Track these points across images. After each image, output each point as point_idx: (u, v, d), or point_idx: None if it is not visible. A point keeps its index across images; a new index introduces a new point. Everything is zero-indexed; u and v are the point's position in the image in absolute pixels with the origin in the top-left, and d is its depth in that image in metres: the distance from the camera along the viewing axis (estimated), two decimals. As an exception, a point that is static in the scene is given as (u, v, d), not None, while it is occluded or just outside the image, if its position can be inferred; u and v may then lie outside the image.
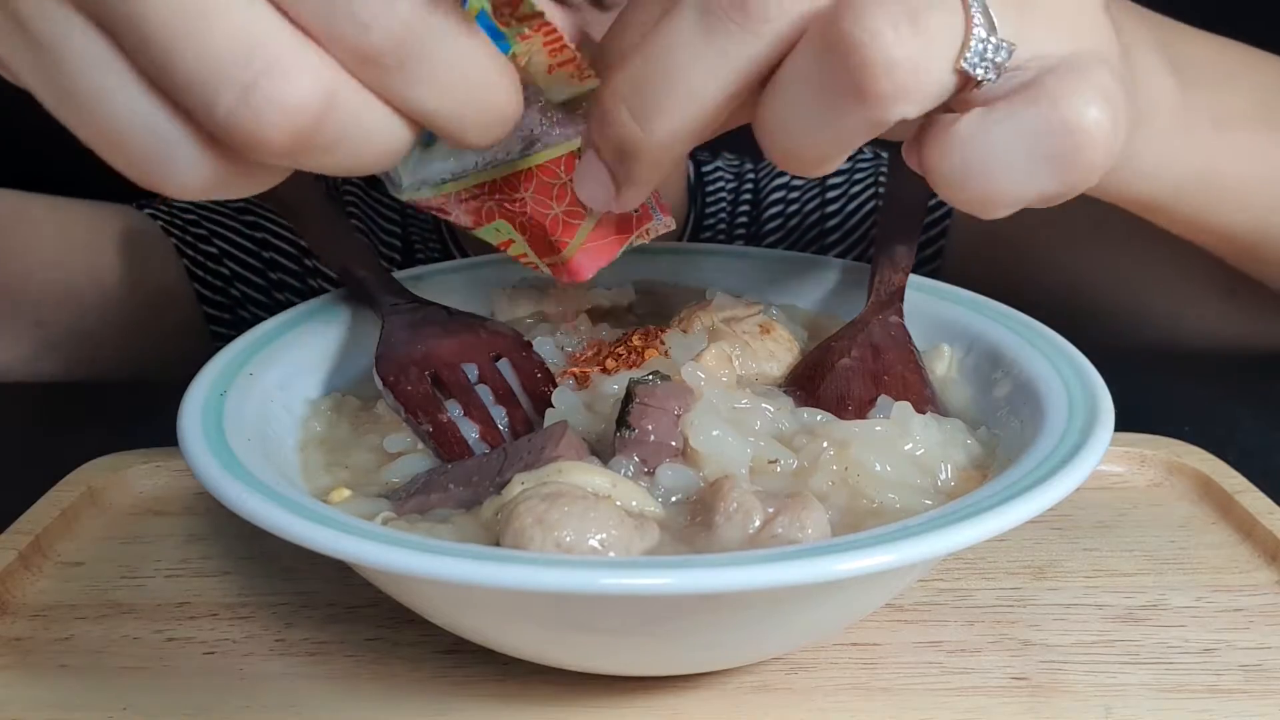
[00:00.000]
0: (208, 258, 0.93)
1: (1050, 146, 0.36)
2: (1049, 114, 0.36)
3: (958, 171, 0.37)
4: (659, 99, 0.37)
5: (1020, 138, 0.36)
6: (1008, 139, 0.36)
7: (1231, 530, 0.57)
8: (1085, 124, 0.36)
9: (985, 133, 0.36)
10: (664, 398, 0.46)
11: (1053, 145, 0.36)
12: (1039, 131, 0.36)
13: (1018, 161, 0.36)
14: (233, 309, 0.94)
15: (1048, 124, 0.36)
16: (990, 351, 0.55)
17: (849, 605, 0.44)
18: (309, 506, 0.40)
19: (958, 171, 0.37)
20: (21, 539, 0.54)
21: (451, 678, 0.47)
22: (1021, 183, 0.37)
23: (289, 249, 0.97)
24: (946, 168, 0.37)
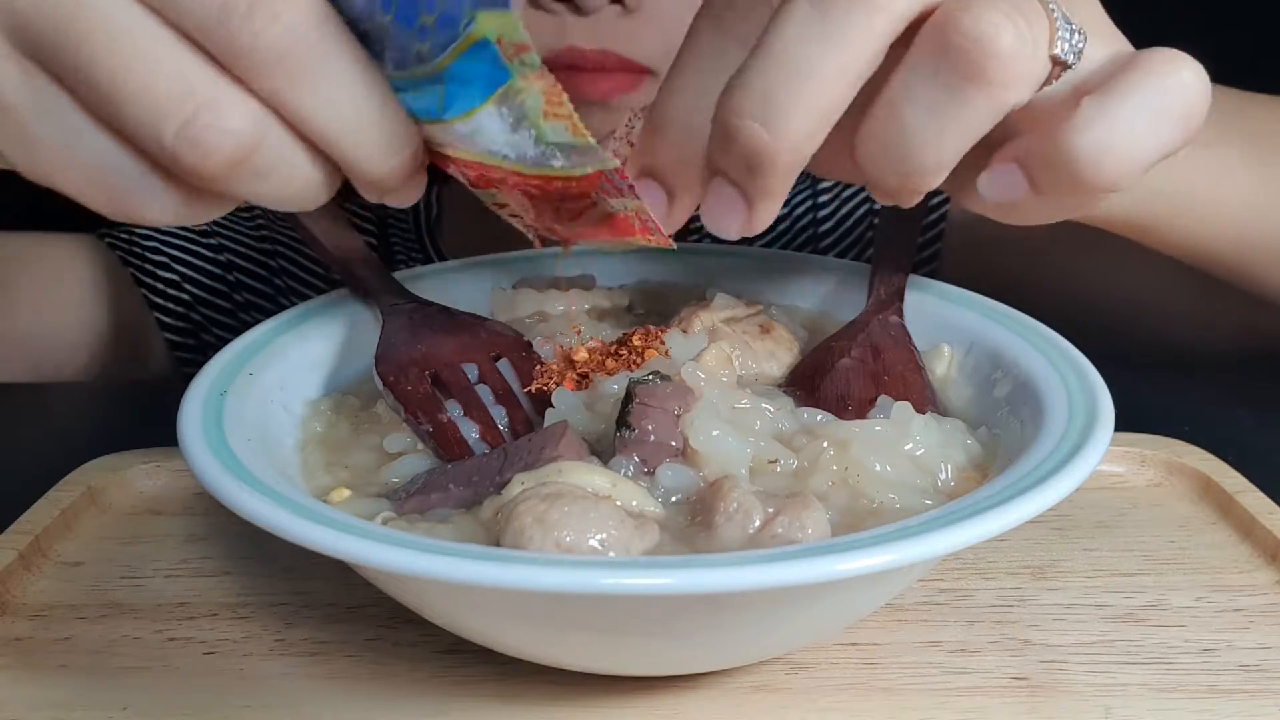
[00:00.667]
0: (167, 284, 0.93)
1: (1171, 107, 0.41)
2: (1163, 80, 0.41)
3: (1094, 150, 0.40)
4: (788, 100, 0.38)
5: (1144, 105, 0.40)
6: (1134, 108, 0.40)
7: (1231, 530, 0.57)
8: (1193, 82, 0.41)
9: (1111, 108, 0.40)
10: (664, 398, 0.46)
11: (1173, 105, 0.41)
12: (1159, 97, 0.40)
13: (1145, 125, 0.41)
14: (195, 333, 0.94)
15: (1164, 89, 0.40)
16: (990, 351, 0.55)
17: (849, 605, 0.44)
18: (309, 506, 0.40)
19: (1094, 150, 0.40)
20: (21, 539, 0.54)
21: (451, 678, 0.47)
22: (1151, 145, 0.41)
23: (258, 270, 0.97)
24: (1083, 149, 0.40)
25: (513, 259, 0.67)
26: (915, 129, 0.39)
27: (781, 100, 0.38)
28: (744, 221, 0.42)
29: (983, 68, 0.37)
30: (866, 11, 0.37)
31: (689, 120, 0.42)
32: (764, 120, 0.38)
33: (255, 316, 0.96)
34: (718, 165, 0.41)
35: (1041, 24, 0.39)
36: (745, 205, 0.41)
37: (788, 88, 0.38)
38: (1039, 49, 0.39)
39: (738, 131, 0.39)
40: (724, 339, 0.54)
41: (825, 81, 0.38)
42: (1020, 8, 0.38)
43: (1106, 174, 0.41)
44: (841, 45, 0.37)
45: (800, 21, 0.38)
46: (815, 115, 0.38)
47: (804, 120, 0.38)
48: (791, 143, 0.38)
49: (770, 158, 0.39)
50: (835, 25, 0.37)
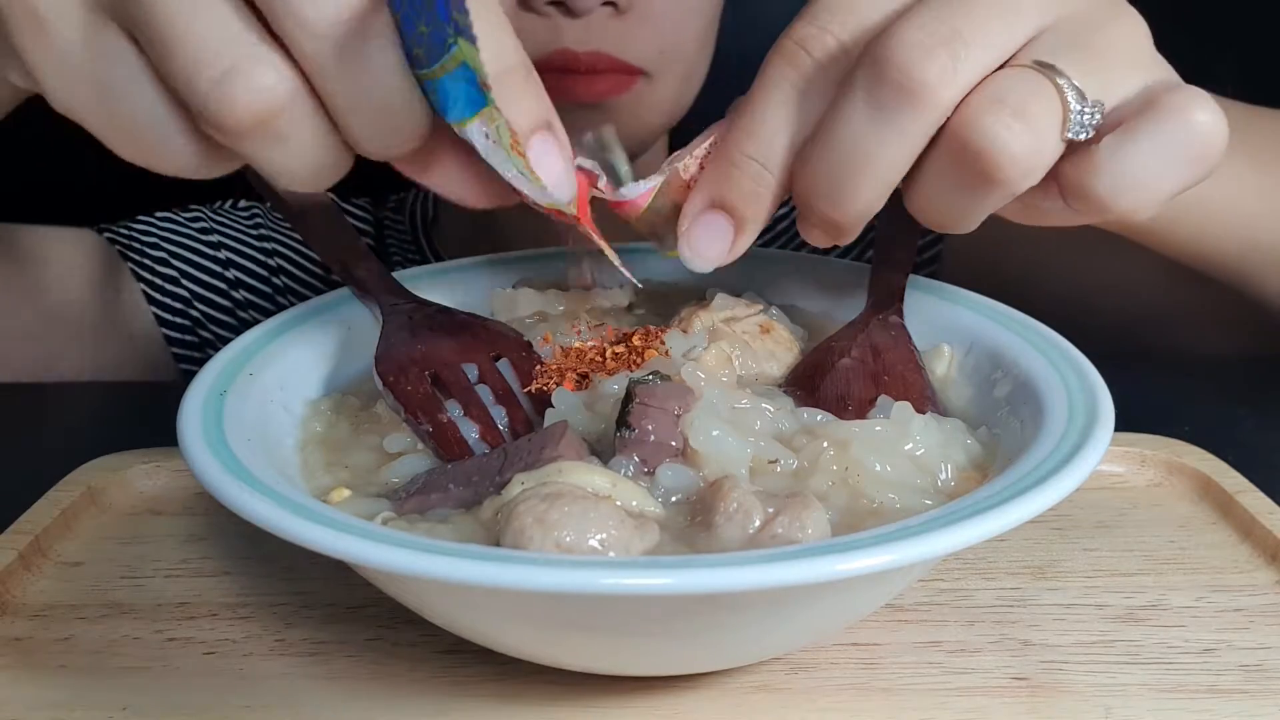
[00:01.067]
0: (166, 279, 0.94)
1: (1183, 148, 0.43)
2: (1176, 123, 0.42)
3: (1110, 189, 0.43)
4: (851, 187, 0.44)
5: (1157, 148, 0.42)
6: (1147, 151, 0.43)
7: (1231, 530, 0.57)
8: (1203, 124, 0.42)
9: (1126, 151, 0.43)
10: (664, 398, 0.46)
11: (1185, 147, 0.43)
12: (1170, 141, 0.42)
13: (1158, 167, 0.43)
14: (193, 329, 0.94)
15: (1176, 132, 0.42)
16: (990, 351, 0.55)
17: (849, 605, 0.44)
18: (309, 506, 0.40)
19: (1110, 189, 0.43)
20: (21, 539, 0.54)
21: (451, 678, 0.47)
22: (1166, 184, 0.43)
23: (256, 269, 0.97)
24: (1099, 188, 0.43)
25: (513, 259, 0.67)
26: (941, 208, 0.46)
27: (846, 188, 0.44)
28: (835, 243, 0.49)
29: (992, 174, 0.42)
30: (914, 110, 0.42)
31: (765, 162, 0.46)
32: (830, 203, 0.45)
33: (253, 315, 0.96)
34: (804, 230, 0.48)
35: (1054, 114, 0.42)
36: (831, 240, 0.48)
37: (847, 178, 0.44)
38: (1047, 141, 0.42)
39: (811, 209, 0.46)
40: (724, 339, 0.54)
41: (880, 170, 0.44)
42: (1030, 105, 0.41)
43: (1122, 209, 0.44)
44: (894, 139, 0.43)
45: (858, 118, 0.43)
46: (875, 196, 0.45)
47: (865, 202, 0.45)
48: (856, 218, 0.46)
49: (841, 229, 0.47)
50: (889, 125, 0.42)
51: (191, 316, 0.94)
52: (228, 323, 0.96)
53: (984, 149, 0.42)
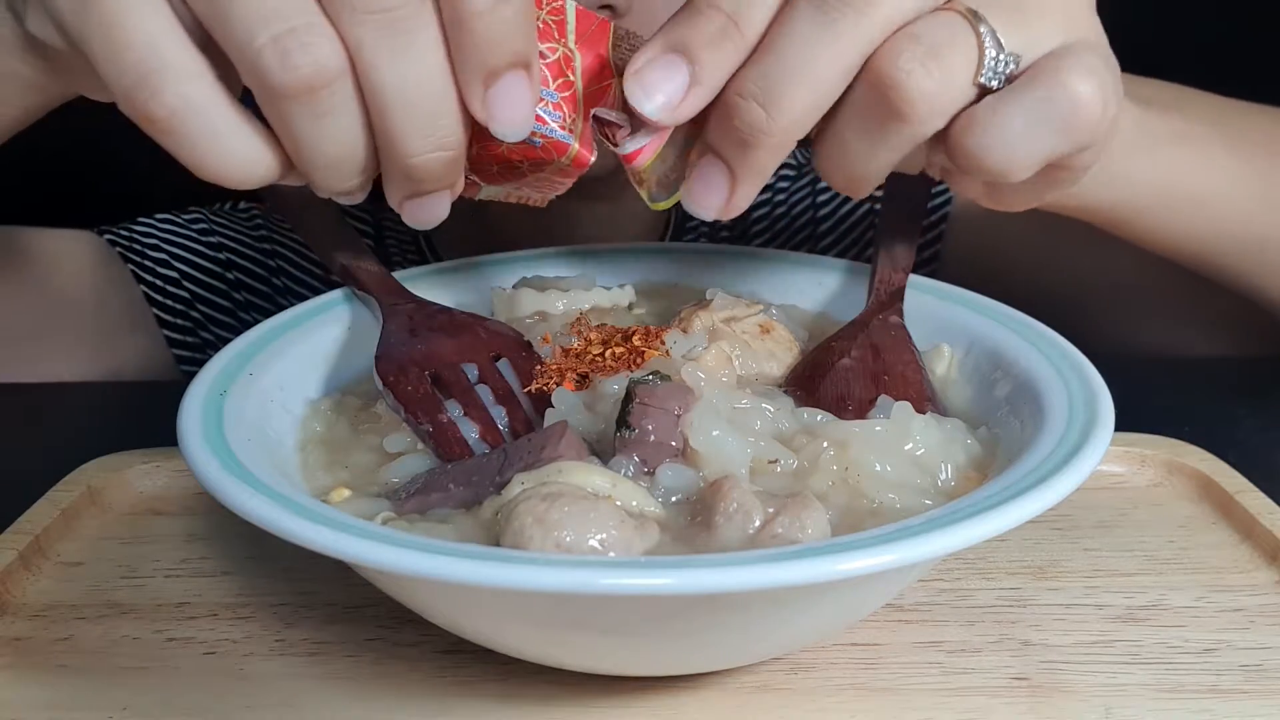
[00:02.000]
0: (167, 281, 0.94)
1: (1051, 114, 0.43)
2: (1047, 90, 0.43)
3: (979, 146, 0.44)
4: (786, 86, 0.43)
5: (1026, 111, 0.43)
6: (1016, 114, 0.43)
7: (1232, 530, 0.57)
8: (1079, 93, 0.43)
9: (997, 112, 0.44)
10: (664, 398, 0.46)
11: (1053, 113, 0.43)
12: (1041, 104, 0.43)
13: (1026, 130, 0.44)
14: (195, 331, 0.94)
15: (1047, 97, 0.43)
16: (990, 351, 0.55)
17: (849, 605, 0.44)
18: (309, 506, 0.40)
19: (979, 146, 0.44)
20: (21, 539, 0.54)
21: (451, 678, 0.47)
22: (1033, 147, 0.44)
23: (257, 269, 0.97)
24: (969, 144, 0.44)
25: (513, 259, 0.67)
26: (850, 149, 0.45)
27: (779, 87, 0.43)
28: (724, 200, 0.46)
29: (900, 110, 0.43)
30: (856, 17, 0.42)
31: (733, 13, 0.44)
32: (764, 101, 0.43)
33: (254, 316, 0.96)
34: (712, 140, 0.45)
35: (964, 59, 0.43)
36: (729, 183, 0.45)
37: (787, 76, 0.43)
38: (958, 82, 0.43)
39: (739, 109, 0.43)
40: (724, 339, 0.54)
41: (817, 79, 0.43)
42: (945, 48, 0.43)
43: (990, 167, 0.44)
44: (833, 48, 0.42)
45: (802, 20, 0.42)
46: (806, 105, 0.43)
47: (799, 106, 0.43)
48: (784, 124, 0.43)
49: (766, 137, 0.44)
50: (831, 27, 0.42)
51: (193, 318, 0.94)
52: (229, 324, 0.96)
53: (895, 82, 0.42)
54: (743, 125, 0.44)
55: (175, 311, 0.94)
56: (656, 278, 0.67)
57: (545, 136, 0.45)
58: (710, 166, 0.45)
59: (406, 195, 0.44)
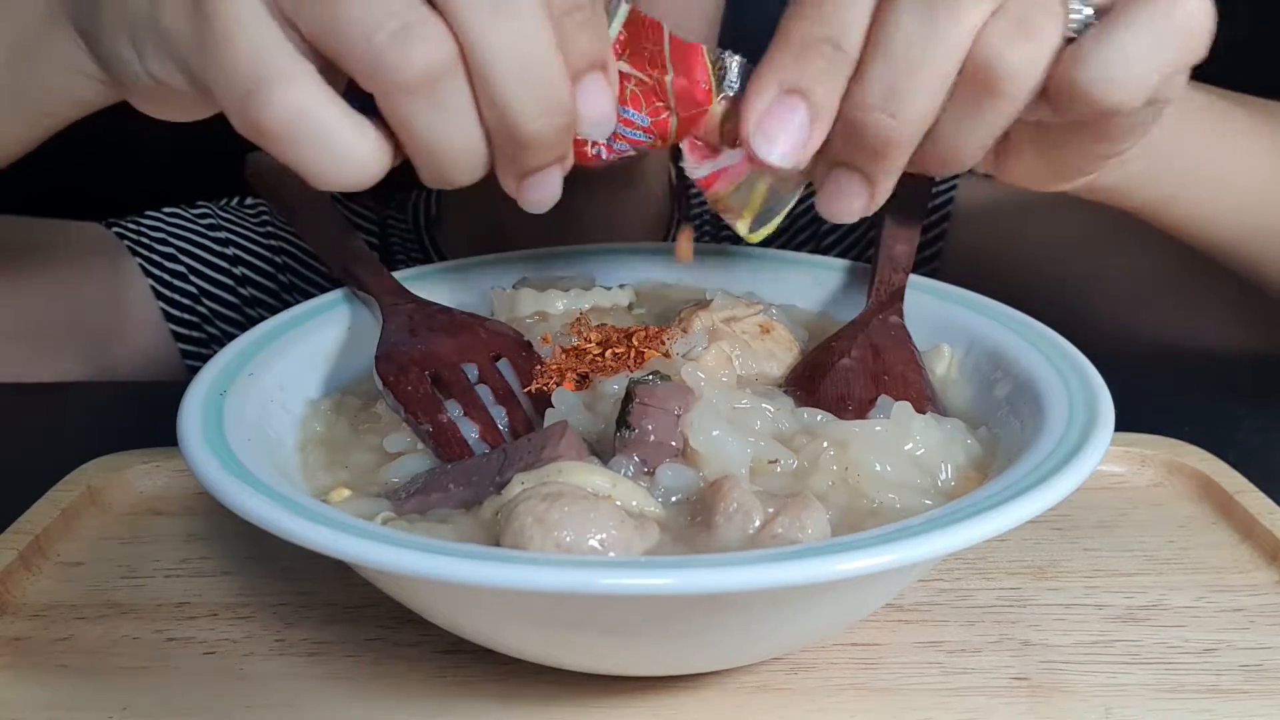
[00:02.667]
0: (174, 275, 0.94)
1: (1166, 28, 0.43)
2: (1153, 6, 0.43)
3: (1093, 79, 0.43)
4: (908, 89, 0.43)
5: (1141, 28, 0.43)
6: (1130, 33, 0.43)
7: (1232, 530, 0.57)
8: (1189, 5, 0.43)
9: (1108, 38, 0.43)
10: (664, 398, 0.46)
11: (1168, 27, 0.43)
12: (1154, 19, 0.43)
13: (1141, 49, 0.43)
14: (201, 326, 0.95)
15: (1159, 11, 0.43)
16: (990, 351, 0.55)
17: (849, 605, 0.44)
18: (309, 506, 0.40)
19: (1093, 79, 0.43)
20: (21, 539, 0.54)
21: (451, 678, 0.47)
22: (1150, 67, 0.44)
23: (263, 265, 0.97)
24: (1083, 79, 0.43)
25: (513, 259, 0.67)
26: (953, 135, 0.45)
27: (902, 93, 0.43)
28: (868, 202, 0.47)
29: (996, 88, 0.43)
30: (962, 6, 0.42)
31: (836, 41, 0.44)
32: (891, 110, 0.44)
33: (260, 312, 0.96)
34: (840, 156, 0.46)
35: (1052, 23, 0.43)
36: (868, 187, 0.46)
37: (908, 79, 0.43)
38: (1047, 48, 0.43)
39: (865, 124, 0.44)
40: (724, 339, 0.54)
41: (935, 73, 0.43)
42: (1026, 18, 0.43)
43: (1109, 100, 0.44)
44: (946, 39, 0.43)
45: (908, 18, 0.43)
46: (930, 101, 0.44)
47: (922, 106, 0.44)
48: (912, 126, 0.44)
49: (896, 142, 0.44)
50: (940, 22, 0.42)
51: (199, 313, 0.95)
52: (235, 319, 0.96)
53: (986, 63, 0.43)
54: (874, 137, 0.44)
55: (182, 306, 0.94)
56: (656, 278, 0.67)
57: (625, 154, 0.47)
58: (846, 178, 0.46)
59: (521, 174, 0.44)
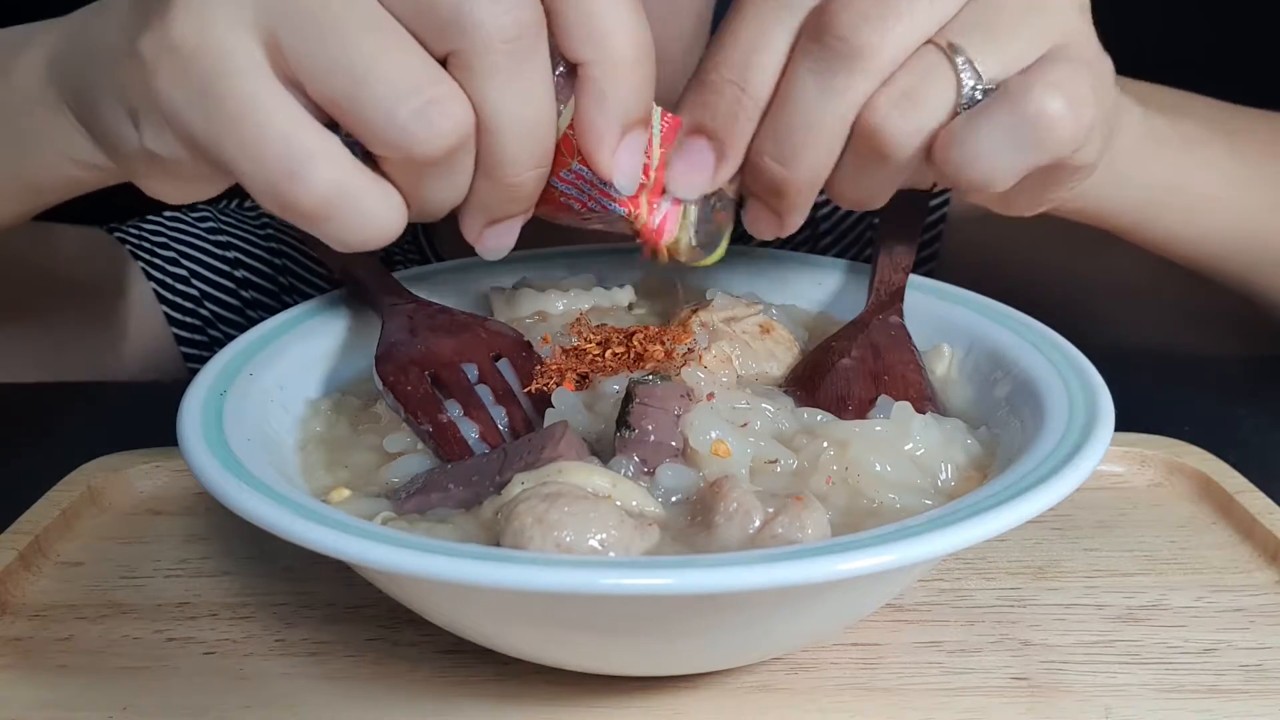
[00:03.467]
0: (176, 279, 0.94)
1: (1021, 133, 0.45)
2: (1010, 110, 0.45)
3: (956, 162, 0.46)
4: (799, 144, 0.47)
5: (997, 129, 0.45)
6: (984, 132, 0.45)
7: (1232, 530, 0.57)
8: (1044, 111, 0.45)
9: (966, 131, 0.46)
10: (664, 398, 0.46)
11: (1023, 132, 0.45)
12: (1006, 123, 0.45)
13: (999, 147, 0.45)
14: (203, 329, 0.95)
15: (1011, 117, 0.45)
16: (990, 351, 0.55)
17: (849, 605, 0.44)
18: (309, 506, 0.40)
19: (956, 162, 0.46)
20: (21, 539, 0.54)
21: (451, 678, 0.47)
22: (1009, 163, 0.46)
23: (263, 268, 0.97)
24: (947, 160, 0.46)
25: (513, 259, 0.67)
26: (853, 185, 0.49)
27: (793, 146, 0.47)
28: (778, 229, 0.51)
29: (881, 152, 0.46)
30: (853, 79, 0.45)
31: (744, 84, 0.47)
32: (781, 161, 0.47)
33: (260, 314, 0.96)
34: (750, 190, 0.50)
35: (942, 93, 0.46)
36: (776, 218, 0.50)
37: (798, 136, 0.47)
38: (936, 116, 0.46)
39: (761, 168, 0.48)
40: (724, 339, 0.54)
41: (826, 133, 0.47)
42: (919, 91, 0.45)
43: (971, 180, 0.46)
44: (836, 101, 0.46)
45: (804, 82, 0.46)
46: (820, 156, 0.47)
47: (811, 160, 0.47)
48: (803, 176, 0.48)
49: (787, 186, 0.48)
50: (831, 86, 0.46)
51: (202, 316, 0.95)
52: (236, 322, 0.96)
53: (874, 128, 0.46)
54: (769, 180, 0.48)
55: (184, 309, 0.94)
56: (656, 278, 0.67)
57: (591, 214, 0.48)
58: (757, 208, 0.51)
59: (488, 222, 0.46)
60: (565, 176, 0.46)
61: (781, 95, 0.47)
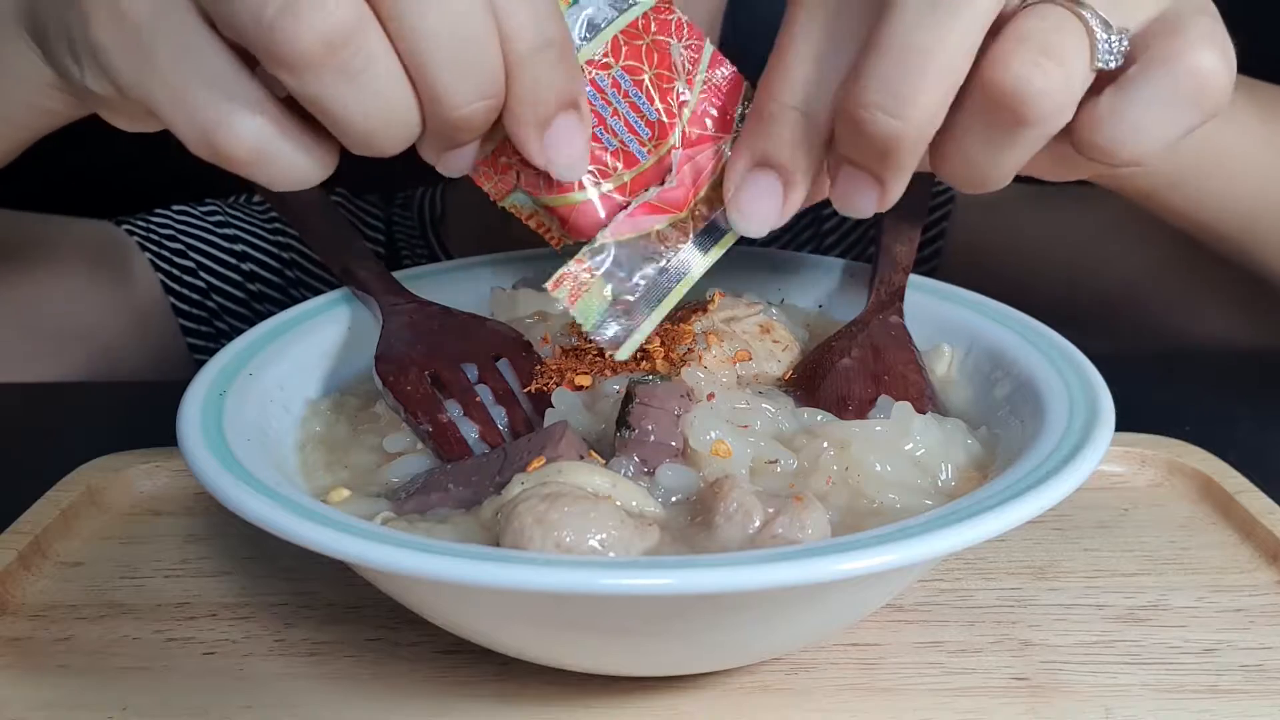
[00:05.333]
0: (184, 271, 0.94)
1: (1180, 95, 0.42)
2: (1171, 71, 0.42)
3: (1111, 140, 0.42)
4: (911, 88, 0.41)
5: (1155, 98, 0.42)
6: (1144, 103, 0.42)
7: (1232, 530, 0.57)
8: (1204, 68, 0.42)
9: (1124, 104, 0.42)
10: (664, 398, 0.46)
11: (1184, 93, 0.42)
12: (1168, 88, 0.42)
13: (1158, 116, 0.42)
14: (210, 321, 0.95)
15: (1173, 79, 0.42)
16: (991, 351, 0.55)
17: (849, 605, 0.44)
18: (309, 506, 0.40)
19: (1111, 140, 0.42)
20: (21, 539, 0.54)
21: (451, 678, 0.47)
22: (1167, 131, 0.43)
23: (270, 261, 0.98)
24: (1100, 140, 0.43)
25: (513, 259, 0.67)
26: (974, 159, 0.44)
27: (905, 89, 0.41)
28: (878, 199, 0.45)
29: (1023, 114, 0.41)
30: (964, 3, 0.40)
31: (806, 107, 0.43)
32: (892, 109, 0.41)
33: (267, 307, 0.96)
34: (846, 154, 0.44)
35: (1076, 47, 0.41)
36: (878, 185, 0.44)
37: (909, 77, 0.41)
38: (1075, 73, 0.41)
39: (867, 122, 0.41)
40: (724, 339, 0.54)
41: (941, 67, 0.41)
42: (1056, 40, 0.41)
43: (1126, 158, 0.43)
44: (951, 32, 0.40)
45: (913, 12, 0.40)
46: (936, 98, 0.41)
47: (927, 103, 0.41)
48: (918, 125, 0.42)
49: (900, 141, 0.42)
50: (944, 13, 0.40)
51: (208, 308, 0.95)
52: (243, 314, 0.96)
53: (1013, 88, 0.41)
54: (875, 138, 0.42)
55: (191, 301, 0.94)
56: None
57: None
58: (855, 177, 0.44)
59: (444, 149, 0.43)
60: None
61: (881, 35, 0.41)
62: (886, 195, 0.45)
